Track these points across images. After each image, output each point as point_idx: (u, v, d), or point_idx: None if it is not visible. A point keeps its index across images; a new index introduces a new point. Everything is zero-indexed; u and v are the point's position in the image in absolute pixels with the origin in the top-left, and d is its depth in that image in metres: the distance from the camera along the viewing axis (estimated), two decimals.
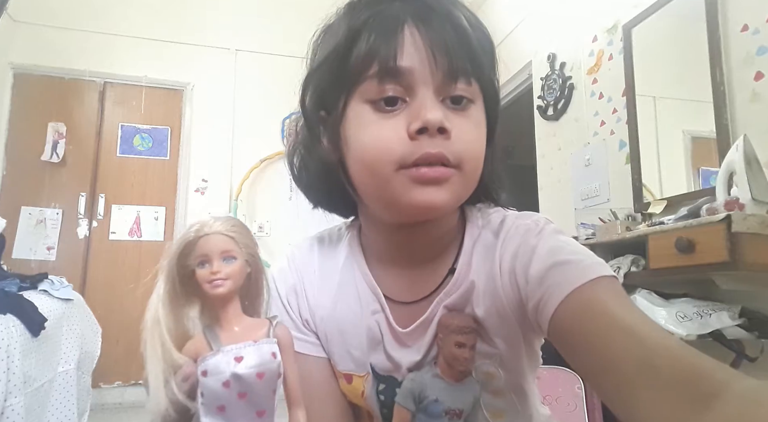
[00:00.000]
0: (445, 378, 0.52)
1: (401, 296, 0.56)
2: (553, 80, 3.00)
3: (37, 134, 3.42)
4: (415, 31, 0.46)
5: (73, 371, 1.94)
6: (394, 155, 0.46)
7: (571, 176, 2.82)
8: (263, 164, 3.76)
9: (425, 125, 0.44)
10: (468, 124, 0.48)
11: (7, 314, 1.59)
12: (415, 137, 0.45)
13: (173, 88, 3.76)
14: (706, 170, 2.07)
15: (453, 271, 0.54)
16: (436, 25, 0.46)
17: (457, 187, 0.48)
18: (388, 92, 0.46)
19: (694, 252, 1.56)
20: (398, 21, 0.46)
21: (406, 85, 0.46)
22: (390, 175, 0.46)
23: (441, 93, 0.47)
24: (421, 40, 0.45)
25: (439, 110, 0.45)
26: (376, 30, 0.46)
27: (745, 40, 1.86)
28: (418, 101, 0.46)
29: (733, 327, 1.65)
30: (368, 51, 0.46)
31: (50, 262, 3.33)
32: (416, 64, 0.46)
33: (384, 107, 0.47)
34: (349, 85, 0.48)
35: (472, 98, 0.49)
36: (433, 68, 0.46)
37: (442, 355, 0.52)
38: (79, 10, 3.57)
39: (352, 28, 0.47)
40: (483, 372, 0.54)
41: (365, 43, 0.46)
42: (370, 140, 0.47)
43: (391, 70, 0.45)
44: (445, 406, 0.51)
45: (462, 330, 0.51)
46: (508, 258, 0.51)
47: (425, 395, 0.51)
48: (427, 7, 0.46)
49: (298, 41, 2.98)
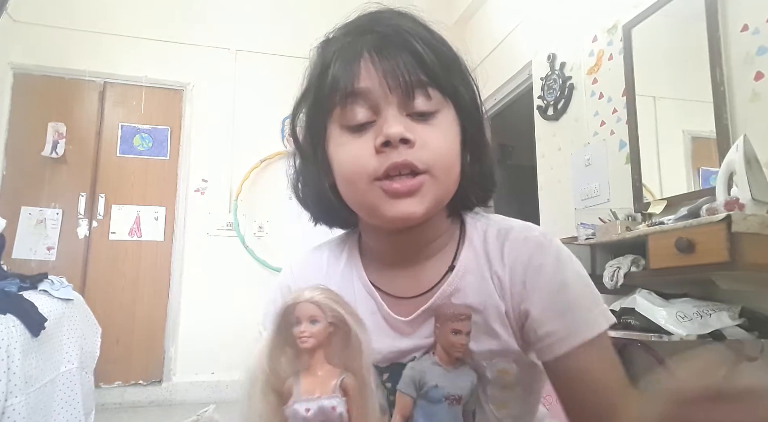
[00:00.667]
0: (443, 364, 0.55)
1: (403, 292, 0.60)
2: (553, 80, 3.00)
3: (37, 134, 3.42)
4: (371, 59, 0.52)
5: (75, 370, 1.94)
6: (366, 168, 0.52)
7: (571, 176, 2.82)
8: (263, 164, 3.76)
9: (387, 138, 0.50)
10: (434, 132, 0.53)
11: (7, 314, 1.59)
12: (381, 150, 0.51)
13: (173, 88, 3.76)
14: (706, 170, 2.07)
15: (452, 268, 0.59)
16: (390, 52, 0.52)
17: (430, 194, 0.53)
18: (357, 115, 0.52)
19: (694, 252, 1.56)
20: (357, 52, 0.53)
21: (370, 106, 0.52)
22: (366, 188, 0.52)
23: (404, 109, 0.52)
24: (376, 66, 0.52)
25: (400, 124, 0.51)
26: (340, 61, 0.53)
27: (745, 40, 1.86)
28: (382, 119, 0.52)
29: (733, 327, 1.65)
30: (333, 79, 0.53)
31: (50, 262, 3.33)
32: (374, 86, 0.52)
33: (356, 131, 0.53)
34: (326, 113, 0.54)
35: (436, 109, 0.54)
36: (389, 88, 0.51)
37: (440, 343, 0.55)
38: (79, 10, 3.56)
39: (323, 64, 0.55)
40: (497, 370, 0.57)
41: (332, 73, 0.53)
42: (346, 157, 0.53)
43: (351, 92, 0.52)
44: (444, 392, 0.53)
45: (457, 317, 0.54)
46: (518, 269, 0.56)
47: (425, 381, 0.54)
48: (382, 38, 0.53)
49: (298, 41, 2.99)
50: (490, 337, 0.57)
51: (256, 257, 3.62)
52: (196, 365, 3.46)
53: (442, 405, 0.53)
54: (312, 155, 0.59)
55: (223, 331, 3.51)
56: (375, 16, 0.57)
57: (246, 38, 3.87)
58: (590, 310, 0.56)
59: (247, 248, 3.62)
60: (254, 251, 3.63)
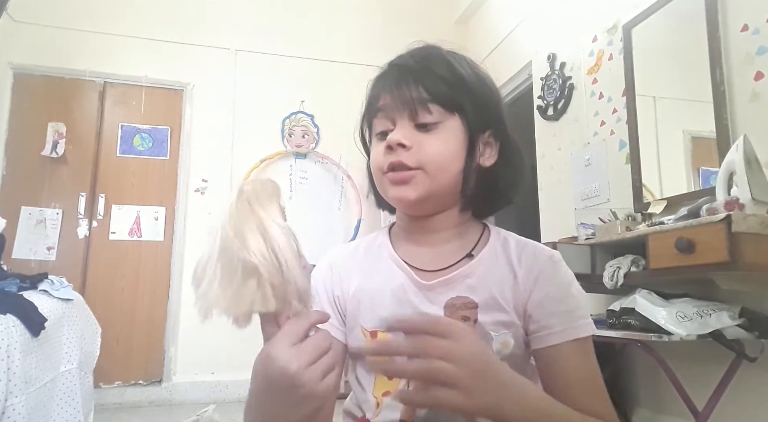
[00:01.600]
0: None
1: (426, 266, 0.71)
2: (553, 80, 3.00)
3: (37, 133, 3.41)
4: (391, 85, 0.69)
5: (75, 370, 1.94)
6: (380, 164, 0.69)
7: (571, 176, 2.82)
8: (263, 164, 3.76)
9: (388, 143, 0.66)
10: (431, 139, 0.67)
11: (7, 314, 1.59)
12: (387, 151, 0.67)
13: (173, 88, 3.75)
14: (706, 170, 2.07)
15: (471, 255, 0.71)
16: (403, 80, 0.68)
17: (422, 185, 0.66)
18: (380, 126, 0.70)
19: (694, 252, 1.56)
20: (385, 83, 0.70)
21: (389, 118, 0.69)
22: (381, 178, 0.70)
23: (412, 120, 0.67)
24: (393, 90, 0.68)
25: (400, 133, 0.66)
26: (375, 88, 0.72)
27: (745, 40, 1.87)
28: (395, 128, 0.68)
29: (733, 327, 1.65)
30: (369, 102, 0.73)
31: (50, 262, 3.33)
32: (389, 103, 0.68)
33: (381, 137, 0.70)
34: (369, 126, 0.74)
35: (439, 120, 0.67)
36: (399, 106, 0.67)
37: None
38: (79, 10, 3.56)
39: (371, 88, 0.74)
40: (501, 342, 0.65)
41: (369, 97, 0.73)
42: (372, 157, 0.72)
43: (376, 109, 0.70)
44: None
45: (467, 306, 0.64)
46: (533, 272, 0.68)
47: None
48: (401, 70, 0.69)
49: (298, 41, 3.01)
50: (499, 311, 0.66)
51: None
52: (196, 365, 3.46)
53: None
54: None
55: (223, 331, 3.46)
56: (414, 51, 0.72)
57: (246, 38, 3.87)
58: (583, 317, 0.66)
59: None
60: None
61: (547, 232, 3.03)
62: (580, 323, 0.65)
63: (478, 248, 0.72)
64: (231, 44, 3.83)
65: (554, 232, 2.83)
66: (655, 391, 2.21)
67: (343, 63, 3.93)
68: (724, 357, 1.74)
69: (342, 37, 4.02)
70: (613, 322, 1.89)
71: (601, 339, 1.83)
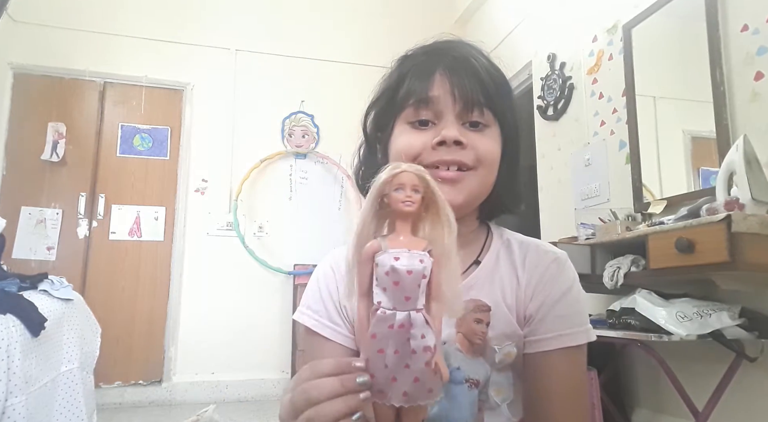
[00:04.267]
0: (464, 351, 0.62)
1: None
2: (553, 80, 3.00)
3: (37, 134, 3.41)
4: (443, 75, 0.64)
5: (77, 370, 1.94)
6: (414, 154, 0.63)
7: (571, 176, 2.82)
8: (263, 164, 3.76)
9: (443, 139, 0.62)
10: (483, 139, 0.64)
11: (7, 314, 1.59)
12: (436, 147, 0.62)
13: (173, 88, 3.75)
14: (706, 170, 2.07)
15: (478, 262, 0.68)
16: (458, 72, 0.64)
17: (469, 187, 0.63)
18: (421, 116, 0.64)
19: (694, 252, 1.56)
20: (432, 69, 0.65)
21: (435, 111, 0.64)
22: None
23: (462, 118, 0.64)
24: (447, 81, 0.64)
25: (456, 129, 0.62)
26: (416, 76, 0.66)
27: (745, 40, 1.86)
28: (442, 124, 0.63)
29: (733, 327, 1.65)
30: (409, 88, 0.65)
31: (50, 262, 3.33)
32: (442, 96, 0.63)
33: (418, 126, 0.65)
34: (396, 112, 0.67)
35: (487, 123, 0.65)
36: (454, 100, 0.63)
37: (462, 331, 0.63)
38: (79, 10, 3.56)
39: (400, 74, 0.68)
40: (504, 353, 0.64)
41: (408, 83, 0.66)
42: (402, 144, 0.65)
43: (424, 98, 0.64)
44: (465, 374, 0.61)
45: (480, 309, 0.63)
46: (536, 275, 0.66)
47: (449, 363, 0.60)
48: (453, 60, 0.65)
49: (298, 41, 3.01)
50: (501, 321, 0.65)
51: (256, 257, 3.62)
52: (196, 365, 3.46)
53: (463, 387, 0.61)
54: (375, 143, 0.72)
55: (223, 331, 3.51)
56: (449, 44, 0.69)
57: (246, 38, 3.87)
58: (581, 324, 0.65)
59: (247, 248, 3.62)
60: (254, 251, 3.63)
61: (547, 232, 3.03)
62: (575, 330, 0.64)
63: (483, 253, 0.70)
64: (231, 44, 3.83)
65: (554, 232, 2.83)
66: (655, 391, 2.21)
67: (343, 63, 3.93)
68: (724, 357, 1.74)
69: (342, 37, 4.02)
70: (613, 322, 1.89)
71: (601, 339, 1.83)
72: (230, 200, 3.68)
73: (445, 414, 0.61)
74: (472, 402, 0.61)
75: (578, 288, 0.67)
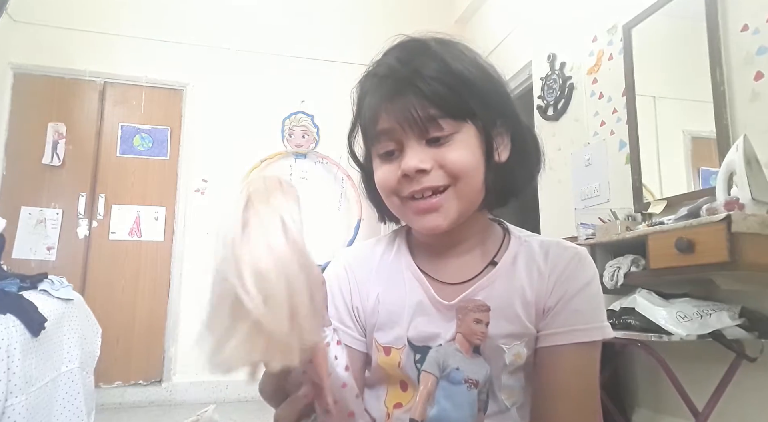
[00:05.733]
0: (463, 351, 0.62)
1: (448, 278, 0.68)
2: (553, 80, 3.00)
3: (37, 134, 3.41)
4: (387, 105, 0.62)
5: (77, 370, 1.94)
6: (392, 189, 0.64)
7: (571, 176, 2.82)
8: (263, 164, 3.76)
9: (404, 172, 0.61)
10: (450, 151, 0.61)
11: (7, 314, 1.59)
12: (404, 180, 0.62)
13: (173, 88, 3.75)
14: (706, 170, 2.07)
15: (494, 263, 0.68)
16: (401, 96, 0.60)
17: (452, 207, 0.62)
18: (385, 148, 0.64)
19: (694, 252, 1.56)
20: (378, 100, 0.63)
21: (394, 140, 0.62)
22: (399, 204, 0.65)
23: (422, 138, 0.61)
24: (391, 112, 0.61)
25: (415, 158, 0.60)
26: (366, 111, 0.65)
27: (745, 40, 1.86)
28: (405, 151, 0.62)
29: (733, 327, 1.65)
30: (363, 126, 0.67)
31: (50, 262, 3.33)
32: (392, 126, 0.61)
33: (386, 158, 0.64)
34: (368, 146, 0.68)
35: (452, 131, 0.61)
36: (405, 127, 0.61)
37: (461, 331, 0.63)
38: (79, 10, 3.56)
39: (360, 99, 0.68)
40: (514, 354, 0.64)
41: (362, 121, 0.67)
42: (379, 179, 0.66)
43: (377, 133, 0.64)
44: (464, 375, 0.61)
45: (479, 309, 0.63)
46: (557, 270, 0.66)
47: (447, 364, 0.61)
48: (396, 83, 0.61)
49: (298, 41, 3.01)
50: (512, 322, 0.64)
51: None
52: (196, 365, 3.46)
53: (462, 387, 0.61)
54: (368, 170, 0.71)
55: None
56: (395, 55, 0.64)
57: (246, 38, 3.87)
58: (597, 320, 0.64)
59: None
60: None
61: (547, 232, 3.03)
62: (591, 325, 0.63)
63: (499, 254, 0.69)
64: (231, 44, 3.83)
65: (554, 232, 2.83)
66: (655, 391, 2.21)
67: (343, 63, 3.92)
68: (724, 357, 1.74)
69: (342, 37, 4.02)
70: (613, 322, 1.89)
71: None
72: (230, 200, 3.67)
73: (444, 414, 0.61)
74: (472, 403, 0.61)
75: (597, 285, 0.67)
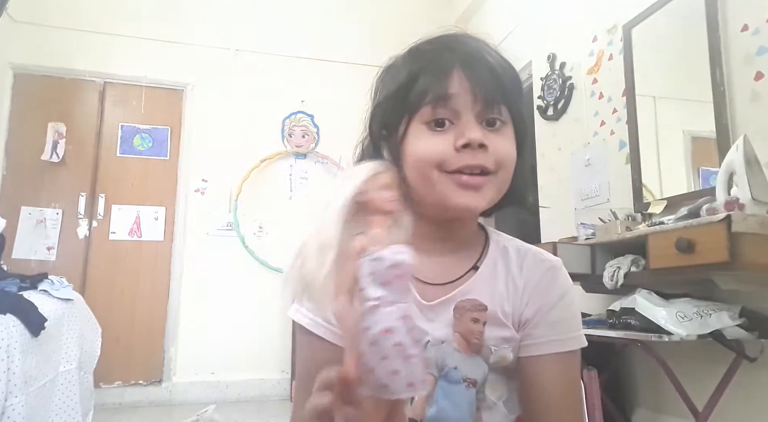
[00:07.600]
0: (462, 351, 0.63)
1: (430, 279, 0.67)
2: (553, 80, 3.00)
3: (37, 134, 3.41)
4: (460, 72, 0.61)
5: (74, 370, 1.94)
6: (438, 161, 0.60)
7: (571, 176, 2.82)
8: (263, 164, 3.76)
9: (468, 142, 0.58)
10: (502, 140, 0.62)
11: (7, 314, 1.59)
12: (460, 150, 0.59)
13: (173, 88, 3.75)
14: (706, 170, 2.07)
15: (476, 268, 0.68)
16: (476, 69, 0.61)
17: (491, 191, 0.61)
18: (438, 115, 0.60)
19: (694, 252, 1.56)
20: (448, 66, 0.61)
21: (452, 110, 0.60)
22: (438, 178, 0.60)
23: (480, 117, 0.61)
24: (465, 78, 0.60)
25: (479, 131, 0.59)
26: (431, 73, 0.61)
27: (745, 40, 1.86)
28: (462, 123, 0.60)
29: (733, 327, 1.65)
30: (425, 88, 0.61)
31: (50, 262, 3.33)
32: (461, 93, 0.60)
33: (434, 127, 0.61)
34: (408, 111, 0.62)
35: (504, 121, 0.62)
36: (474, 99, 0.60)
37: (459, 331, 0.63)
38: (79, 10, 3.56)
39: (411, 72, 0.63)
40: (500, 356, 0.64)
41: (422, 81, 0.61)
42: (423, 149, 0.61)
43: (443, 96, 0.60)
44: (463, 374, 0.62)
45: (477, 308, 0.63)
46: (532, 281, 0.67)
47: (446, 363, 0.62)
48: (469, 55, 0.62)
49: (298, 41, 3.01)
50: (499, 326, 0.65)
51: (256, 257, 3.62)
52: (196, 365, 3.46)
53: (461, 386, 0.61)
54: (384, 146, 0.67)
55: (223, 331, 3.51)
56: (458, 38, 0.65)
57: (246, 38, 3.87)
58: (572, 330, 0.66)
59: (247, 248, 3.62)
60: (254, 251, 3.63)
61: (547, 232, 3.03)
62: (568, 336, 0.65)
63: (481, 259, 0.69)
64: (231, 44, 3.83)
65: (554, 232, 2.83)
66: (655, 391, 2.21)
67: (342, 63, 3.93)
68: (724, 357, 1.74)
69: (342, 37, 4.02)
70: (613, 322, 1.89)
71: (601, 338, 1.83)
72: (230, 200, 3.68)
73: (443, 413, 0.61)
74: (471, 402, 0.61)
75: (572, 296, 0.68)
